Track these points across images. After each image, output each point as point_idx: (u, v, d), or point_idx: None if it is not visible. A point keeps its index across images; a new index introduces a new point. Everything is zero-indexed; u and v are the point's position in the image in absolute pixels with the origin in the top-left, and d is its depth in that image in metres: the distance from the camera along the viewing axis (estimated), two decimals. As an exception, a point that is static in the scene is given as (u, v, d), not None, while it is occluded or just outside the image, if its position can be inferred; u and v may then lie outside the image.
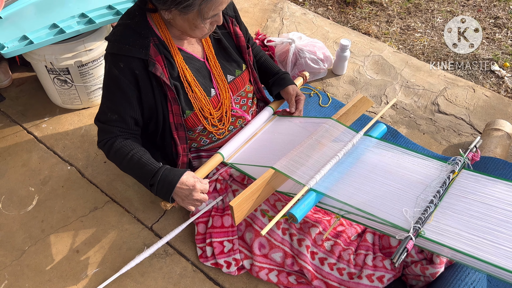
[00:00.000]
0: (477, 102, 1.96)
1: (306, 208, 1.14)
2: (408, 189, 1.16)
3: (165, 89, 1.22)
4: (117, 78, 1.18)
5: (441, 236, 1.03)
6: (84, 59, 1.71)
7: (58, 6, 1.70)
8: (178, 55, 1.24)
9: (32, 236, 1.51)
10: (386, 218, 1.08)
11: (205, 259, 1.40)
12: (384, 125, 1.41)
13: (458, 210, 1.09)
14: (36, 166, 1.71)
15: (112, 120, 1.25)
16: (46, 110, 1.92)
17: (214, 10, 1.11)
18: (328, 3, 2.76)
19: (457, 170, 1.18)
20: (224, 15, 1.31)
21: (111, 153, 1.27)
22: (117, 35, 1.19)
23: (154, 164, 1.22)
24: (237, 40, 1.37)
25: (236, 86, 1.38)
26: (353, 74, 2.11)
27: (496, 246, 0.98)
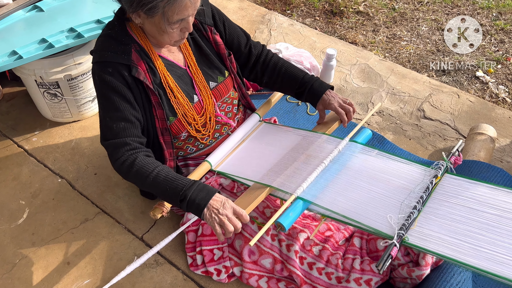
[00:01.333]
0: (462, 108, 2.00)
1: (294, 217, 1.16)
2: (392, 195, 1.18)
3: (148, 93, 1.24)
4: (110, 81, 1.19)
5: (425, 242, 1.05)
6: (73, 72, 1.74)
7: (47, 21, 1.73)
8: (159, 61, 1.26)
9: (23, 249, 1.51)
10: (371, 224, 1.10)
11: (196, 268, 1.41)
12: (370, 130, 1.44)
13: (441, 214, 1.11)
14: (27, 180, 1.72)
15: (120, 131, 1.21)
16: (36, 124, 1.94)
17: (179, 14, 1.10)
18: (315, 14, 2.81)
19: (439, 175, 1.21)
20: (201, 23, 1.34)
21: (133, 172, 1.18)
22: (98, 45, 1.23)
23: (184, 179, 1.15)
24: (217, 47, 1.39)
25: (220, 92, 1.40)
26: (340, 82, 2.14)
27: (478, 249, 1.00)
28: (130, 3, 1.10)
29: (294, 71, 1.47)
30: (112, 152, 1.23)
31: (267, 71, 1.50)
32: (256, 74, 1.53)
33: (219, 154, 1.41)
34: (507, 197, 1.11)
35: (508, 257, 0.97)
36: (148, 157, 1.22)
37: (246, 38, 1.48)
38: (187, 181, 1.15)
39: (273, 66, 1.49)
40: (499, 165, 1.74)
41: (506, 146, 1.82)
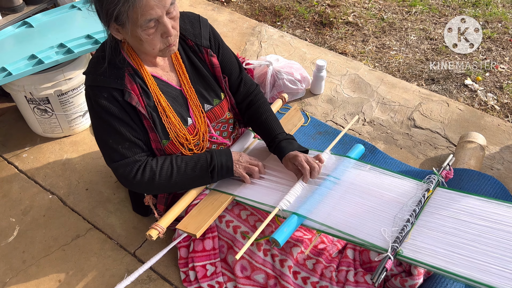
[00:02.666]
0: (451, 116, 2.02)
1: (288, 232, 1.17)
2: (385, 209, 1.20)
3: (141, 118, 1.23)
4: (107, 107, 1.18)
5: (418, 254, 1.07)
6: (63, 88, 1.73)
7: (36, 37, 1.73)
8: (151, 82, 1.25)
9: (13, 267, 1.49)
10: (365, 238, 1.12)
11: (189, 283, 1.40)
12: (362, 146, 1.45)
13: (433, 227, 1.13)
14: (17, 197, 1.71)
15: (126, 150, 1.23)
16: (26, 140, 1.92)
17: (145, 15, 1.05)
18: (305, 25, 2.83)
19: (431, 189, 1.23)
20: (197, 45, 1.31)
21: (157, 179, 1.25)
22: (91, 67, 1.21)
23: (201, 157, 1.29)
24: (213, 70, 1.36)
25: (215, 115, 1.38)
26: (331, 93, 2.16)
27: (470, 261, 1.03)
28: (102, 18, 1.10)
29: (272, 124, 1.42)
30: (124, 171, 1.24)
31: (248, 112, 1.46)
32: (240, 110, 1.49)
33: None
34: (497, 209, 1.14)
35: (498, 267, 0.99)
36: (158, 160, 1.27)
37: (239, 71, 1.44)
38: (204, 156, 1.29)
39: (255, 110, 1.45)
40: (489, 172, 1.76)
41: (496, 153, 1.84)
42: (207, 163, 1.28)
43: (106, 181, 1.75)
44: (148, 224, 1.59)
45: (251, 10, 2.94)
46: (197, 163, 1.28)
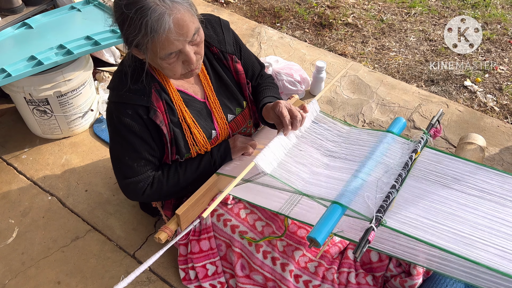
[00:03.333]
0: (451, 117, 2.02)
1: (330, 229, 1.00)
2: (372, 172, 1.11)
3: (161, 135, 1.22)
4: (130, 125, 1.16)
5: (402, 225, 0.99)
6: (63, 89, 1.73)
7: (36, 38, 1.72)
8: (177, 97, 1.22)
9: (12, 269, 1.48)
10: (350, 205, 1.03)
11: (189, 282, 1.40)
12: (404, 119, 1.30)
13: (419, 194, 1.06)
14: (16, 198, 1.70)
15: (141, 168, 1.23)
16: (26, 141, 1.92)
17: (165, 49, 1.02)
18: (305, 26, 2.83)
19: (419, 149, 1.13)
20: (222, 52, 1.29)
21: (164, 189, 1.26)
22: (116, 82, 1.17)
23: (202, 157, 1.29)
24: (237, 77, 1.34)
25: (237, 124, 1.37)
26: (330, 94, 2.16)
27: (456, 233, 0.96)
28: (124, 42, 1.08)
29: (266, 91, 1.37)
30: (135, 188, 1.24)
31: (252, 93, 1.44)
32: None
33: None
34: (486, 177, 1.07)
35: (485, 242, 0.94)
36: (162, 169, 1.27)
37: (260, 69, 1.42)
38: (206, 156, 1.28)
39: (257, 85, 1.43)
40: (489, 174, 1.76)
41: (496, 155, 1.84)
42: (209, 159, 1.29)
43: (106, 183, 1.74)
44: (147, 225, 1.59)
45: (251, 11, 2.94)
46: (200, 163, 1.28)
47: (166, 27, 0.99)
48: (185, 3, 1.02)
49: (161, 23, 0.98)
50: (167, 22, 0.99)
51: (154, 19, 0.98)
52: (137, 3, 0.98)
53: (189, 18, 1.03)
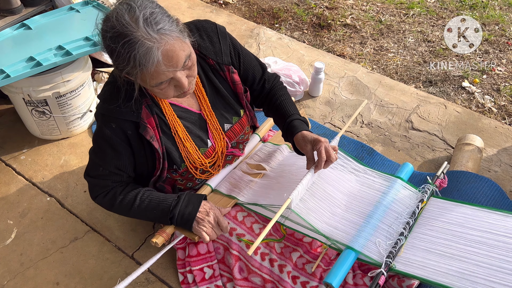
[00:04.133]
0: (449, 118, 2.02)
1: (344, 273, 1.13)
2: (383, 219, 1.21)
3: (153, 150, 1.21)
4: (109, 137, 1.16)
5: (410, 268, 1.10)
6: (62, 90, 1.73)
7: (35, 39, 1.72)
8: (170, 111, 1.21)
9: (11, 270, 1.48)
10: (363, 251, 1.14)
11: (187, 285, 1.40)
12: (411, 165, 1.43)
13: (425, 239, 1.16)
14: (15, 199, 1.70)
15: (104, 175, 1.23)
16: (24, 142, 1.92)
17: (155, 79, 1.01)
18: (304, 27, 2.84)
19: (425, 199, 1.24)
20: (218, 64, 1.28)
21: (116, 205, 1.25)
22: (106, 95, 1.16)
23: (167, 200, 1.23)
24: (234, 87, 1.33)
25: (234, 133, 1.37)
26: (329, 95, 2.16)
27: (460, 272, 1.04)
28: (115, 66, 1.06)
29: (286, 107, 1.36)
30: (92, 188, 1.28)
31: (266, 100, 1.43)
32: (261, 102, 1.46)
33: (219, 177, 1.42)
34: (488, 218, 1.16)
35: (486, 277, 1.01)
36: (125, 188, 1.25)
37: (261, 72, 1.40)
38: (171, 200, 1.22)
39: (271, 96, 1.41)
40: (487, 175, 1.77)
41: (493, 156, 1.85)
42: (168, 209, 1.21)
43: (104, 183, 1.75)
44: (146, 227, 1.59)
45: (249, 12, 2.94)
46: (159, 204, 1.23)
47: (155, 60, 0.97)
48: (174, 32, 0.99)
49: (149, 57, 0.96)
50: (156, 56, 0.96)
51: (142, 53, 0.96)
52: (123, 37, 0.95)
53: (179, 47, 1.00)
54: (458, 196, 1.49)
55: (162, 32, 0.97)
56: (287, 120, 1.32)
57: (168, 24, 0.99)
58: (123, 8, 0.97)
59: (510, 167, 1.80)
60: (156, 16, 0.97)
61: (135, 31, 0.95)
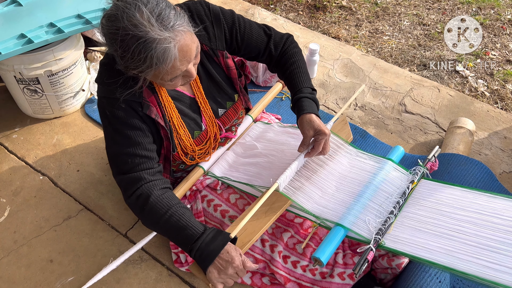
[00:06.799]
0: (442, 102, 2.03)
1: (333, 249, 1.12)
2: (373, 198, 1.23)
3: (159, 128, 1.20)
4: (125, 118, 1.12)
5: (399, 244, 1.11)
6: (54, 68, 1.71)
7: (26, 16, 1.69)
8: (166, 96, 1.20)
9: (4, 247, 1.49)
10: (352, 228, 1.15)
11: (180, 264, 1.41)
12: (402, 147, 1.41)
13: (415, 218, 1.17)
14: (7, 177, 1.70)
15: (135, 165, 1.14)
16: (16, 121, 1.91)
17: (171, 75, 1.02)
18: (299, 8, 2.81)
19: (416, 180, 1.26)
20: (212, 49, 1.26)
21: (146, 210, 1.12)
22: (103, 76, 1.13)
23: (195, 228, 1.09)
24: (228, 72, 1.32)
25: (228, 118, 1.37)
26: (323, 77, 2.16)
27: (448, 249, 1.06)
28: (123, 65, 1.02)
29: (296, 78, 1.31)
30: (125, 186, 1.16)
31: (277, 68, 1.38)
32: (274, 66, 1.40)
33: (212, 159, 1.42)
34: (477, 199, 1.18)
35: (474, 255, 1.03)
36: (163, 194, 1.14)
37: (266, 41, 1.33)
38: (196, 232, 1.09)
39: (282, 64, 1.35)
40: (477, 157, 1.79)
41: (484, 139, 1.87)
42: (192, 240, 1.08)
43: (98, 163, 1.74)
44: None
45: (244, -7, 2.90)
46: (186, 230, 1.09)
47: (173, 58, 0.97)
48: (184, 25, 0.98)
49: (167, 55, 0.96)
50: (173, 53, 0.96)
51: (160, 52, 0.95)
52: (139, 38, 0.93)
53: (190, 40, 1.00)
54: (448, 178, 1.51)
55: (175, 29, 0.96)
56: (296, 96, 1.28)
57: (178, 18, 0.97)
58: (131, 7, 0.94)
59: (501, 151, 1.82)
60: (165, 11, 0.96)
61: (150, 30, 0.93)
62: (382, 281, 1.33)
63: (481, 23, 2.64)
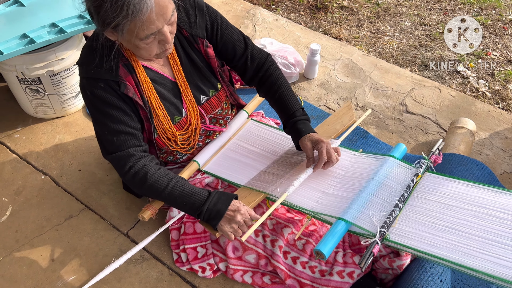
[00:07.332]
0: (443, 102, 2.04)
1: (334, 242, 1.12)
2: (376, 193, 1.22)
3: (138, 108, 1.21)
4: (104, 96, 1.16)
5: (404, 238, 1.10)
6: (56, 68, 1.72)
7: (28, 16, 1.70)
8: (143, 76, 1.22)
9: (6, 246, 1.50)
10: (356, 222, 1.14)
11: (181, 264, 1.42)
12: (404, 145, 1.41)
13: (420, 211, 1.16)
14: (9, 177, 1.71)
15: (121, 143, 1.19)
16: (18, 120, 1.91)
17: (146, 30, 1.03)
18: (300, 9, 2.82)
19: (420, 173, 1.25)
20: (193, 36, 1.28)
21: (146, 186, 1.18)
22: (83, 58, 1.18)
23: (200, 194, 1.17)
24: (209, 60, 1.33)
25: (211, 106, 1.37)
26: (324, 77, 2.16)
27: (454, 244, 1.05)
28: (98, 23, 1.06)
29: (285, 103, 1.35)
30: (117, 165, 1.21)
31: (262, 89, 1.41)
32: (255, 85, 1.44)
33: (207, 153, 1.42)
34: (482, 194, 1.16)
35: (481, 250, 1.02)
36: (159, 168, 1.20)
37: (243, 48, 1.37)
38: (202, 196, 1.17)
39: (268, 87, 1.39)
40: (478, 158, 1.79)
41: (485, 139, 1.87)
42: (199, 204, 1.16)
43: (99, 163, 1.75)
44: (140, 206, 1.60)
45: (246, -7, 2.91)
46: (190, 197, 1.17)
47: (149, 7, 0.99)
48: None
49: (143, 4, 0.98)
50: (149, 3, 0.99)
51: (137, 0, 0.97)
52: None
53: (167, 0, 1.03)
54: (449, 178, 1.50)
55: None
56: (290, 120, 1.33)
57: None
58: None
59: (502, 151, 1.82)
60: None
61: None
62: (382, 281, 1.33)
63: (483, 24, 2.64)
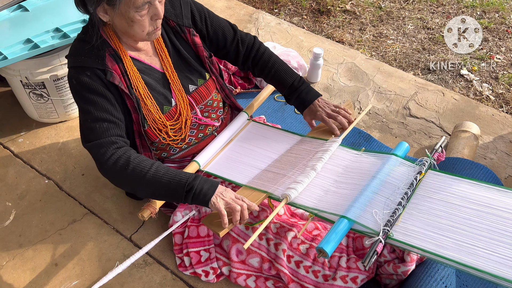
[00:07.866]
0: (446, 106, 2.03)
1: (337, 240, 1.09)
2: (379, 191, 1.20)
3: (124, 98, 1.23)
4: (89, 84, 1.17)
5: (408, 237, 1.07)
6: (59, 73, 1.73)
7: (32, 21, 1.71)
8: (131, 66, 1.24)
9: (10, 251, 1.50)
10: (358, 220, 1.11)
11: (184, 268, 1.42)
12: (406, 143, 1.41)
13: (424, 210, 1.13)
14: (13, 181, 1.71)
15: (104, 131, 1.17)
16: (22, 125, 1.92)
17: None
18: (303, 13, 2.82)
19: (423, 171, 1.23)
20: (179, 25, 1.32)
21: (129, 170, 1.14)
22: (72, 49, 1.22)
23: (185, 174, 1.15)
24: (196, 49, 1.36)
25: (200, 95, 1.39)
26: (327, 81, 2.16)
27: (459, 244, 1.02)
28: (90, 2, 1.09)
29: (283, 75, 1.45)
30: (98, 153, 1.17)
31: (257, 68, 1.49)
32: (248, 68, 1.51)
33: (207, 153, 1.42)
34: (487, 193, 1.13)
35: (486, 250, 0.99)
36: (140, 155, 1.20)
37: (233, 33, 1.43)
38: (189, 174, 1.16)
39: (262, 65, 1.47)
40: (482, 162, 1.78)
41: (489, 143, 1.86)
42: (186, 182, 1.13)
43: (102, 167, 1.75)
44: (144, 210, 1.60)
45: (249, -3, 2.92)
46: (176, 177, 1.14)
47: None
48: None
49: None
50: None
51: None
52: None
53: None
54: (453, 182, 1.49)
55: None
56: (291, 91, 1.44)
57: None
58: None
59: (506, 155, 1.81)
60: None
61: None
62: (387, 287, 1.32)
63: (486, 27, 2.63)
